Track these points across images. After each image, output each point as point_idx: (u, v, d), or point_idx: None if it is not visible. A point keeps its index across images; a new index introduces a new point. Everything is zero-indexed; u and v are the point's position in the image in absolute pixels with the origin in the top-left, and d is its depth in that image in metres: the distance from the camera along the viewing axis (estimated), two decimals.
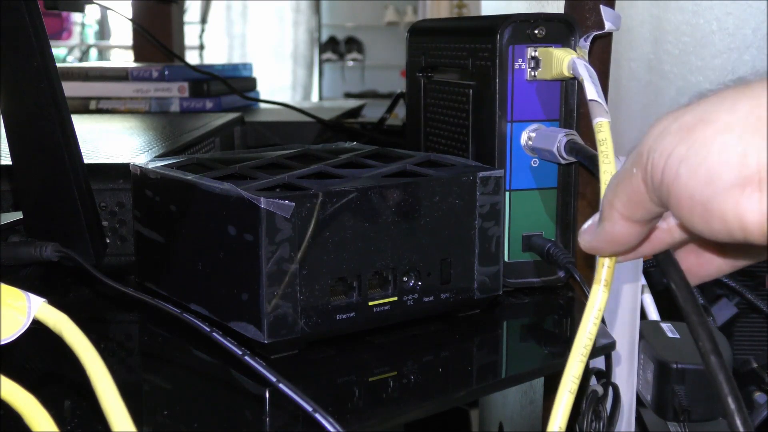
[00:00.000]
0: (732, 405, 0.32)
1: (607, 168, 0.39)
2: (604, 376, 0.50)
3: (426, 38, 0.63)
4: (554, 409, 0.34)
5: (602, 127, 0.42)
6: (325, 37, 5.33)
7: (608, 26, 0.54)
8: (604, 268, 0.36)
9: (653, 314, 0.75)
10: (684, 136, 0.31)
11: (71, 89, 1.14)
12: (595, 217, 0.36)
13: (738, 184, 0.29)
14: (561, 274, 0.55)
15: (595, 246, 0.36)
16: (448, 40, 0.59)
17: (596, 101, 0.45)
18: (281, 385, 0.37)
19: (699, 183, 0.30)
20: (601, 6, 0.55)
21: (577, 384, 0.35)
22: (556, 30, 0.53)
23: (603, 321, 0.41)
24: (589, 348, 0.35)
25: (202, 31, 4.48)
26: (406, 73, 0.66)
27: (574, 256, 0.55)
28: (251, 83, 1.37)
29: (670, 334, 0.67)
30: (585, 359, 0.35)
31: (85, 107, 1.15)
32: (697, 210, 0.31)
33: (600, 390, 0.50)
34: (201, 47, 4.48)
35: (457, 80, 0.58)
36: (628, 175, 0.34)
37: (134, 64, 1.23)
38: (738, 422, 0.31)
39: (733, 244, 0.33)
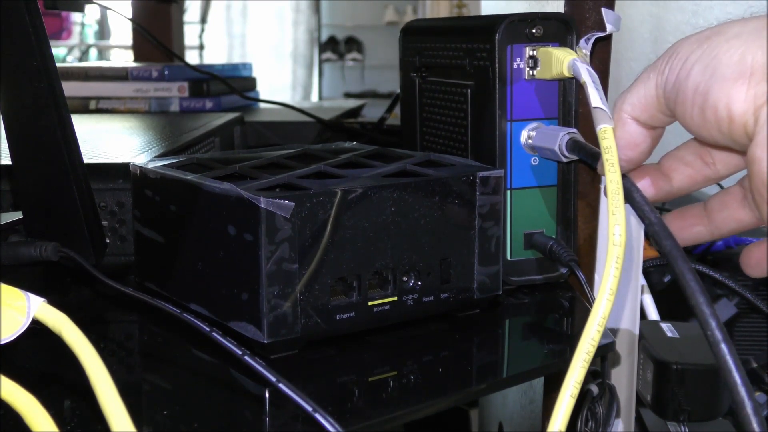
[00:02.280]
0: (742, 392, 0.32)
1: (614, 177, 0.39)
2: (600, 376, 0.50)
3: (420, 38, 0.63)
4: (554, 413, 0.34)
5: (606, 134, 0.42)
6: (325, 37, 5.33)
7: (609, 28, 0.54)
8: (610, 276, 0.36)
9: (653, 314, 0.75)
10: (701, 43, 0.37)
11: (71, 89, 1.14)
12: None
13: (733, 77, 0.34)
14: (563, 270, 0.55)
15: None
16: (444, 40, 0.59)
17: (601, 109, 0.44)
18: (281, 385, 0.37)
19: (704, 76, 0.35)
20: (603, 8, 0.55)
21: (579, 389, 0.35)
22: (554, 29, 0.53)
23: None
24: (592, 354, 0.35)
25: (202, 31, 4.48)
26: (400, 74, 0.66)
27: (576, 253, 0.55)
28: (251, 83, 1.37)
29: (670, 334, 0.67)
30: (587, 365, 0.35)
31: (85, 107, 1.15)
32: (697, 101, 0.36)
33: (596, 390, 0.50)
34: (201, 47, 4.48)
35: (454, 80, 0.58)
36: (642, 80, 0.39)
37: (134, 64, 1.23)
38: (749, 411, 0.31)
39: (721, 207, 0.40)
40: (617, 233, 0.37)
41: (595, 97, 0.46)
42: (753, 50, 0.34)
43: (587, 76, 0.48)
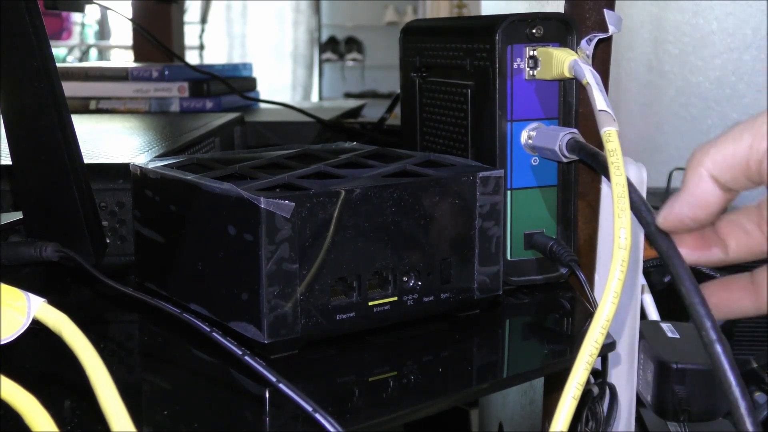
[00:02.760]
0: (737, 394, 0.32)
1: (619, 180, 0.39)
2: (600, 376, 0.50)
3: (420, 38, 0.63)
4: (556, 414, 0.34)
5: (611, 136, 0.42)
6: (325, 37, 5.33)
7: (611, 29, 0.54)
8: (614, 279, 0.36)
9: (653, 314, 0.75)
10: None
11: (71, 89, 1.14)
12: (675, 196, 0.37)
13: None
14: (563, 270, 0.55)
15: (676, 211, 0.36)
16: (444, 41, 0.59)
17: (605, 111, 0.44)
18: (281, 385, 0.37)
19: None
20: (605, 9, 0.55)
21: (581, 390, 0.35)
22: (555, 29, 0.53)
23: None
24: (595, 356, 0.36)
25: (202, 31, 4.48)
26: (400, 74, 0.66)
27: (576, 253, 0.55)
28: (251, 83, 1.37)
29: (670, 334, 0.67)
30: (590, 367, 0.35)
31: (85, 107, 1.15)
32: None
33: (596, 390, 0.50)
34: (201, 47, 4.48)
35: (454, 80, 0.58)
36: (732, 138, 0.35)
37: (134, 64, 1.23)
38: (743, 412, 0.31)
39: None
40: (623, 236, 0.37)
41: (599, 100, 0.46)
42: None
43: (591, 78, 0.48)
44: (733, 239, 0.39)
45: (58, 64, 0.55)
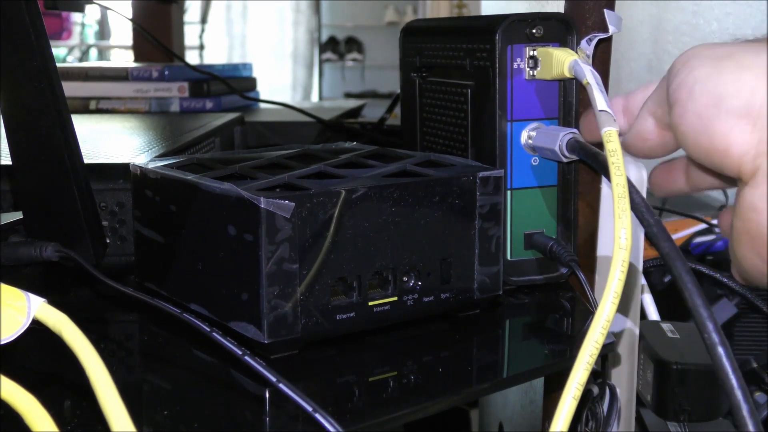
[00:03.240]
0: (739, 396, 0.32)
1: (620, 180, 0.39)
2: (600, 376, 0.50)
3: (420, 38, 0.63)
4: (557, 414, 0.34)
5: (611, 137, 0.42)
6: (325, 37, 5.34)
7: (611, 29, 0.54)
8: (615, 279, 0.36)
9: (653, 314, 0.75)
10: (712, 63, 0.35)
11: (71, 89, 1.14)
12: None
13: (738, 113, 0.33)
14: (563, 270, 0.55)
15: (628, 141, 0.43)
16: (444, 41, 0.59)
17: (605, 111, 0.44)
18: (281, 385, 0.37)
19: (708, 102, 0.34)
20: (605, 9, 0.55)
21: (581, 390, 0.35)
22: (555, 29, 0.53)
23: None
24: (595, 356, 0.36)
25: (202, 31, 4.48)
26: (400, 74, 0.66)
27: (576, 253, 0.55)
28: (251, 83, 1.37)
29: (670, 334, 0.67)
30: (590, 367, 0.35)
31: (85, 107, 1.15)
32: (695, 125, 0.35)
33: (596, 390, 0.50)
34: (201, 47, 4.48)
35: (454, 80, 0.58)
36: (662, 79, 0.40)
37: (134, 64, 1.23)
38: (745, 414, 0.31)
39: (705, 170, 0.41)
40: (623, 237, 0.37)
41: (600, 100, 0.46)
42: (763, 89, 0.33)
43: (591, 78, 0.48)
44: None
45: (58, 64, 0.55)
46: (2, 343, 0.36)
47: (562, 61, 0.51)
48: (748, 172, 0.34)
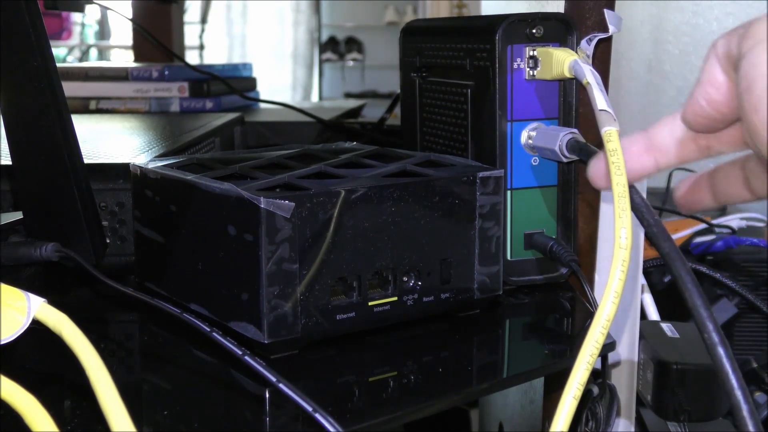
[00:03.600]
0: (739, 396, 0.32)
1: (620, 180, 0.39)
2: (600, 376, 0.50)
3: (420, 38, 0.63)
4: (557, 414, 0.34)
5: (612, 136, 0.42)
6: (325, 37, 5.33)
7: (611, 29, 0.54)
8: (615, 279, 0.36)
9: (653, 314, 0.75)
10: None
11: (71, 89, 1.14)
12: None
13: None
14: (563, 270, 0.55)
15: (694, 103, 0.37)
16: (444, 41, 0.59)
17: (606, 111, 0.44)
18: (281, 385, 0.37)
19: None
20: (605, 9, 0.55)
21: (581, 390, 0.35)
22: (554, 29, 0.53)
23: None
24: (595, 356, 0.36)
25: (202, 31, 4.48)
26: (400, 74, 0.66)
27: (576, 253, 0.55)
28: (251, 83, 1.37)
29: (670, 334, 0.67)
30: (590, 367, 0.35)
31: (85, 107, 1.15)
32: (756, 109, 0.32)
33: (596, 390, 0.50)
34: (201, 47, 4.48)
35: (454, 80, 0.58)
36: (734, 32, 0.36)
37: (134, 64, 1.23)
38: (745, 414, 0.31)
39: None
40: (623, 236, 0.37)
41: (600, 100, 0.45)
42: None
43: (591, 78, 0.48)
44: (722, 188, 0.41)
45: (58, 64, 0.55)
46: (2, 343, 0.36)
47: (562, 61, 0.51)
48: None
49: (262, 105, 1.33)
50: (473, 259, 0.49)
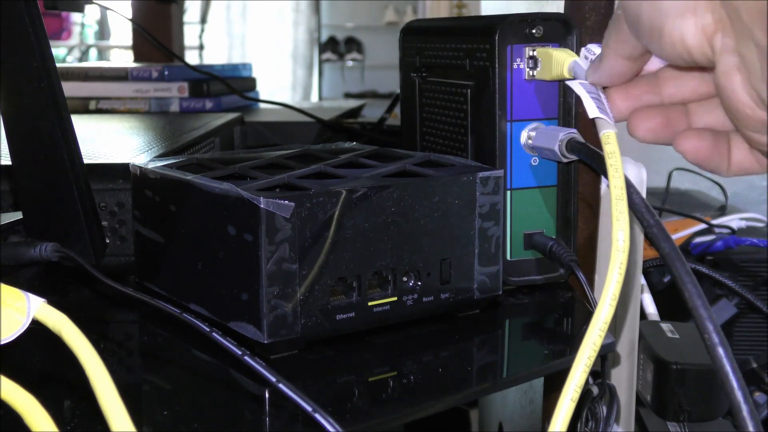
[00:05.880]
0: (739, 396, 0.32)
1: (618, 182, 0.39)
2: (600, 376, 0.50)
3: (420, 38, 0.63)
4: (555, 415, 0.34)
5: (610, 138, 0.42)
6: (324, 37, 5.33)
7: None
8: (612, 282, 0.36)
9: (653, 314, 0.75)
10: None
11: (71, 89, 1.14)
12: (597, 58, 0.45)
13: (679, 12, 0.36)
14: (563, 271, 0.55)
15: (597, 80, 0.45)
16: (444, 41, 0.59)
17: (600, 118, 0.44)
18: (281, 385, 0.37)
19: (655, 14, 0.37)
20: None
21: (579, 393, 0.35)
22: (554, 29, 0.53)
23: None
24: (593, 358, 0.36)
25: (202, 31, 4.48)
26: (400, 74, 0.66)
27: (576, 253, 0.55)
28: (251, 83, 1.37)
29: (670, 334, 0.67)
30: (588, 369, 0.35)
31: (85, 107, 1.15)
32: (654, 36, 0.38)
33: (596, 390, 0.50)
34: (201, 47, 4.48)
35: (454, 80, 0.58)
36: (616, 17, 0.41)
37: (134, 64, 1.23)
38: (745, 414, 0.31)
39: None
40: (621, 239, 0.37)
41: (591, 109, 0.45)
42: None
43: (581, 90, 0.47)
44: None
45: (58, 64, 0.55)
46: (2, 343, 0.36)
47: (561, 61, 0.51)
48: (711, 56, 0.36)
49: (262, 105, 1.33)
50: (473, 259, 0.49)
